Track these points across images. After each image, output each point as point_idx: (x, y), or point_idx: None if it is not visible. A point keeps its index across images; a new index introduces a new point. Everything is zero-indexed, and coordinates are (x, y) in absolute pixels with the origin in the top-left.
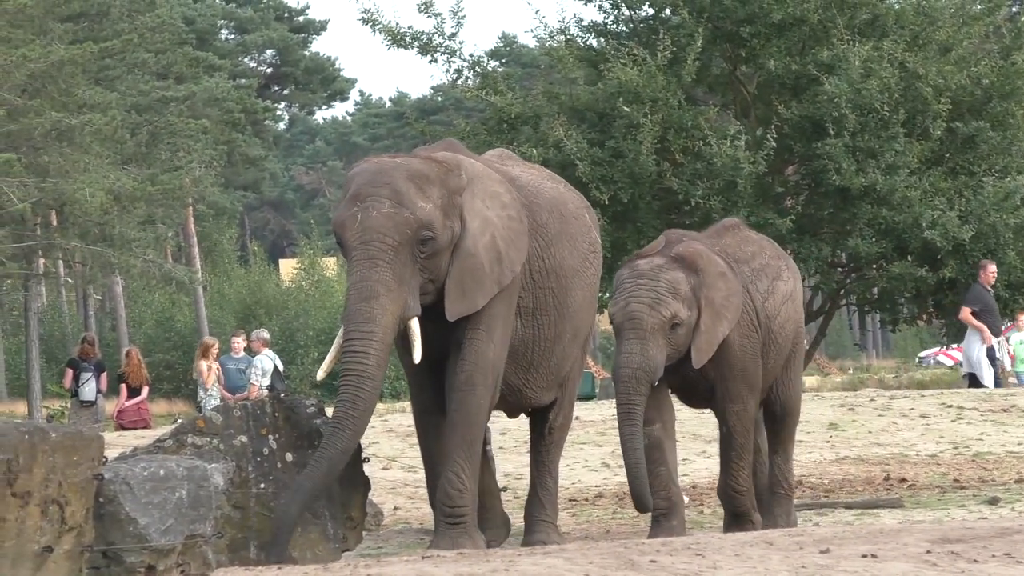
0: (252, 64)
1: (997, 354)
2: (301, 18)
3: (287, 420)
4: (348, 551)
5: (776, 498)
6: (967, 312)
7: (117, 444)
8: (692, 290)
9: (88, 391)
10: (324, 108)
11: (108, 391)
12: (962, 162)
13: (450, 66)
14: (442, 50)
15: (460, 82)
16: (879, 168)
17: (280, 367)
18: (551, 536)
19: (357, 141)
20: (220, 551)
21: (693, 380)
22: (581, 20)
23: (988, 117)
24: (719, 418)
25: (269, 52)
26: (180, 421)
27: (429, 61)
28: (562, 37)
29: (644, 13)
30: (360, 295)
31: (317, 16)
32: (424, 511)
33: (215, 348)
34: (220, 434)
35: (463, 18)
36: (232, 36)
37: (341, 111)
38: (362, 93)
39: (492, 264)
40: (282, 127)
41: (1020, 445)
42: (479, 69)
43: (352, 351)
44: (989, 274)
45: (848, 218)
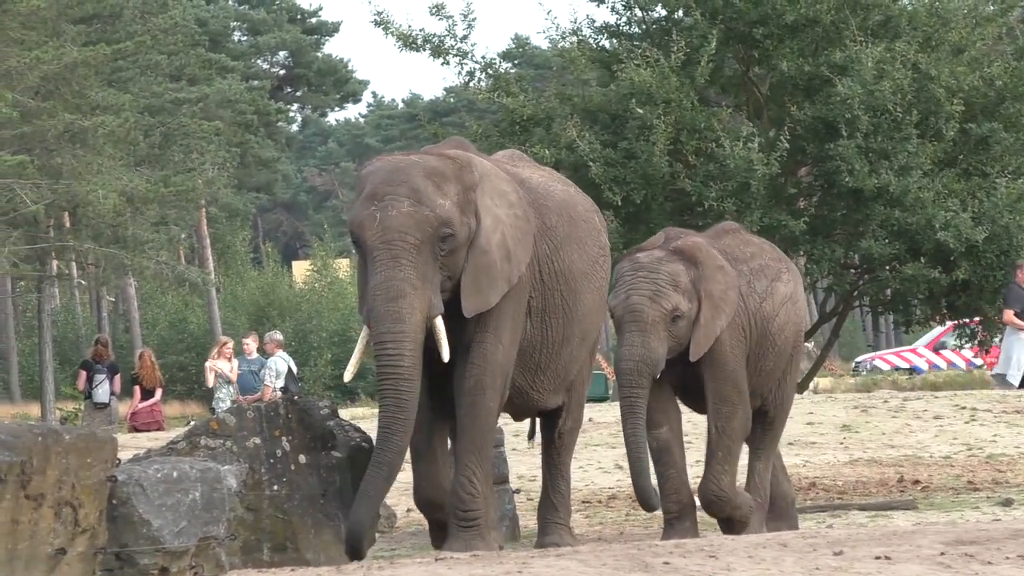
0: (265, 66)
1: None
2: (314, 20)
3: (300, 422)
4: None
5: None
6: (1010, 314)
7: (130, 446)
8: (692, 282)
9: (101, 393)
10: (337, 110)
11: (121, 393)
12: (975, 163)
13: (462, 68)
14: (454, 52)
15: (472, 84)
16: (892, 169)
17: (294, 369)
18: (564, 538)
19: (370, 143)
20: (233, 553)
21: (691, 380)
22: (593, 21)
23: (1001, 118)
24: (709, 419)
25: (282, 54)
26: (193, 423)
27: (441, 63)
28: (574, 38)
29: (657, 14)
30: (387, 295)
31: (330, 18)
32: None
33: (227, 347)
34: (233, 436)
35: (475, 20)
36: (245, 38)
37: (354, 113)
38: (375, 95)
39: (503, 262)
40: (295, 129)
41: None
42: (491, 71)
43: (386, 353)
44: None
45: (861, 219)
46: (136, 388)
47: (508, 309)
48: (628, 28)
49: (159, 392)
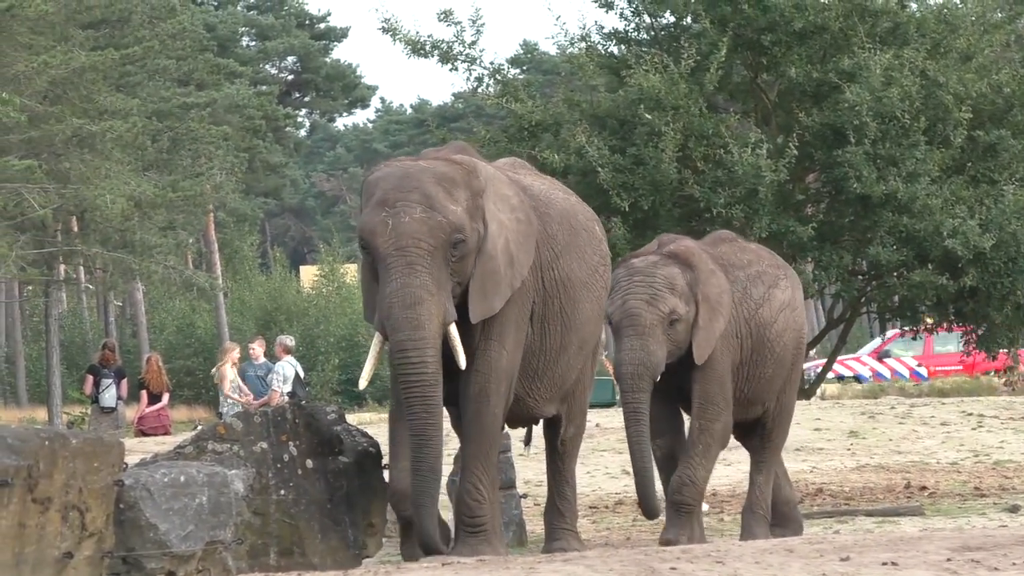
0: (273, 71)
1: None
2: (322, 25)
3: (308, 427)
4: (368, 558)
5: (754, 519)
6: None
7: (137, 450)
8: (688, 285)
9: (108, 397)
10: (345, 115)
11: (128, 397)
12: (983, 170)
13: (470, 74)
14: (462, 58)
15: (480, 89)
16: (900, 176)
17: (301, 374)
18: (571, 543)
19: (378, 148)
20: (240, 557)
21: (687, 385)
22: (602, 27)
23: (1009, 125)
24: (693, 417)
25: (290, 59)
26: (200, 427)
27: (449, 69)
28: (583, 44)
29: (665, 21)
30: (404, 302)
31: (338, 23)
32: (445, 517)
33: (233, 353)
34: (240, 440)
35: (483, 26)
36: (253, 43)
37: (362, 118)
38: (383, 100)
39: (506, 267)
40: (303, 134)
41: None
42: (499, 76)
43: (408, 361)
44: None
45: (869, 226)
46: (143, 393)
47: (511, 315)
48: (637, 34)
49: (166, 397)
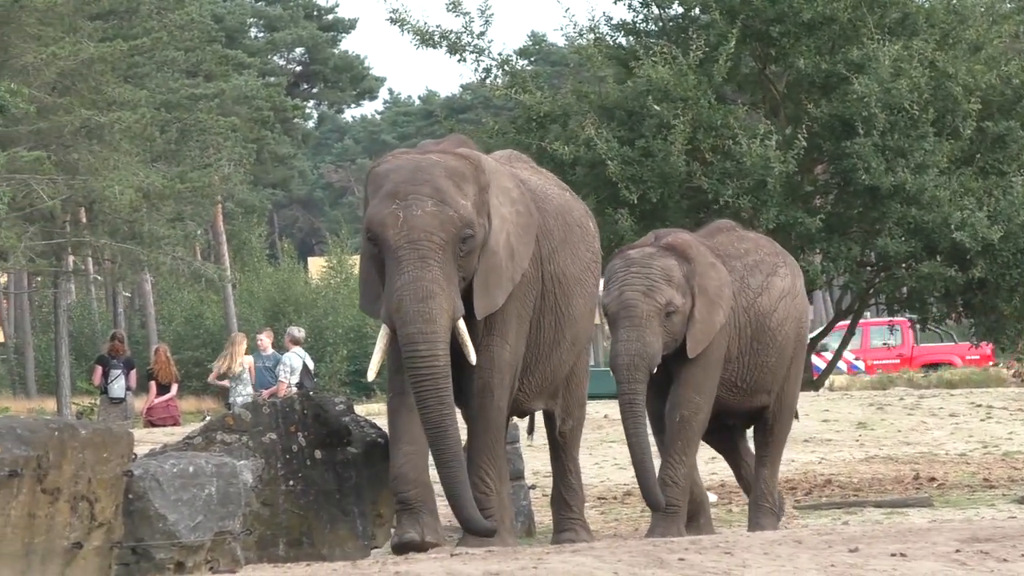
0: (281, 62)
1: None
2: (330, 16)
3: (316, 418)
4: (377, 548)
5: (761, 512)
6: None
7: (146, 441)
8: (685, 277)
9: (117, 388)
10: (353, 106)
11: (137, 388)
12: (992, 162)
13: (479, 65)
14: (471, 49)
15: (489, 81)
16: (908, 167)
17: (310, 365)
18: (580, 534)
19: (386, 139)
20: (249, 548)
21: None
22: (611, 18)
23: (1018, 116)
24: (674, 406)
25: (298, 50)
26: (209, 418)
27: (458, 60)
28: (591, 35)
29: (673, 12)
30: (416, 295)
31: (346, 14)
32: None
33: (242, 345)
34: (249, 431)
35: (491, 17)
36: (261, 34)
37: (370, 109)
38: (391, 91)
39: (507, 260)
40: (311, 125)
41: None
42: (508, 68)
43: (420, 355)
44: None
45: (877, 217)
46: (152, 383)
47: (512, 309)
48: (645, 25)
49: (175, 387)
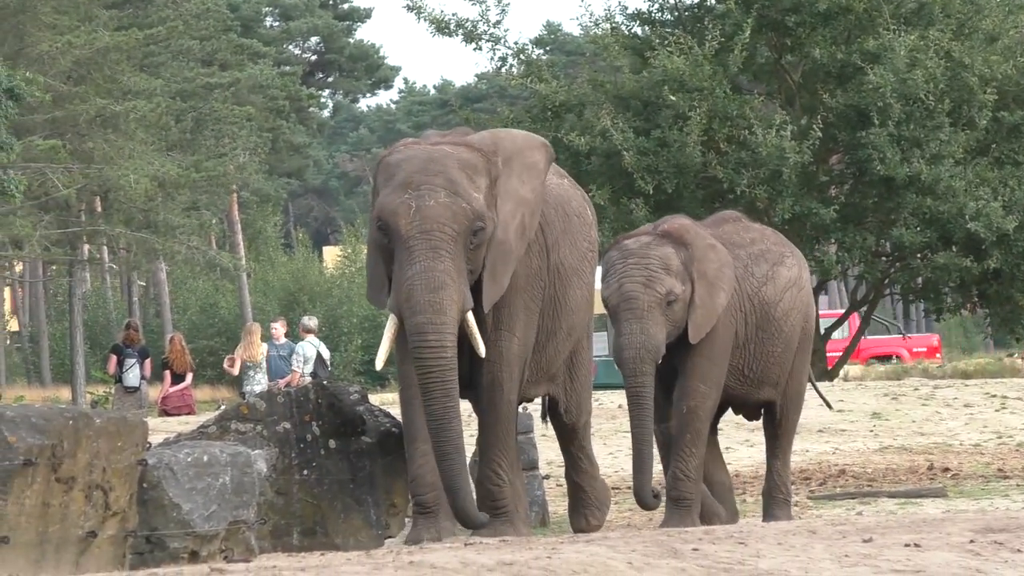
0: (297, 51)
1: None
2: (346, 5)
3: (330, 407)
4: (391, 538)
5: (775, 503)
6: None
7: (161, 430)
8: (683, 264)
9: (132, 377)
10: (368, 95)
11: (152, 377)
12: (1007, 152)
13: (495, 54)
14: (487, 38)
15: (504, 70)
16: (924, 158)
17: (324, 354)
18: (591, 521)
19: (401, 128)
20: (263, 537)
21: (678, 365)
22: (626, 8)
23: None
24: (680, 396)
25: (314, 39)
26: (223, 407)
27: (474, 49)
28: (607, 25)
29: (689, 1)
30: (427, 286)
31: (362, 3)
32: None
33: (257, 334)
34: (263, 420)
35: (507, 5)
36: (277, 23)
37: (385, 99)
38: (406, 81)
39: (516, 240)
40: (326, 114)
41: None
42: (524, 57)
43: (428, 345)
44: None
45: (892, 208)
46: (167, 372)
47: (519, 302)
48: (660, 15)
49: (190, 376)
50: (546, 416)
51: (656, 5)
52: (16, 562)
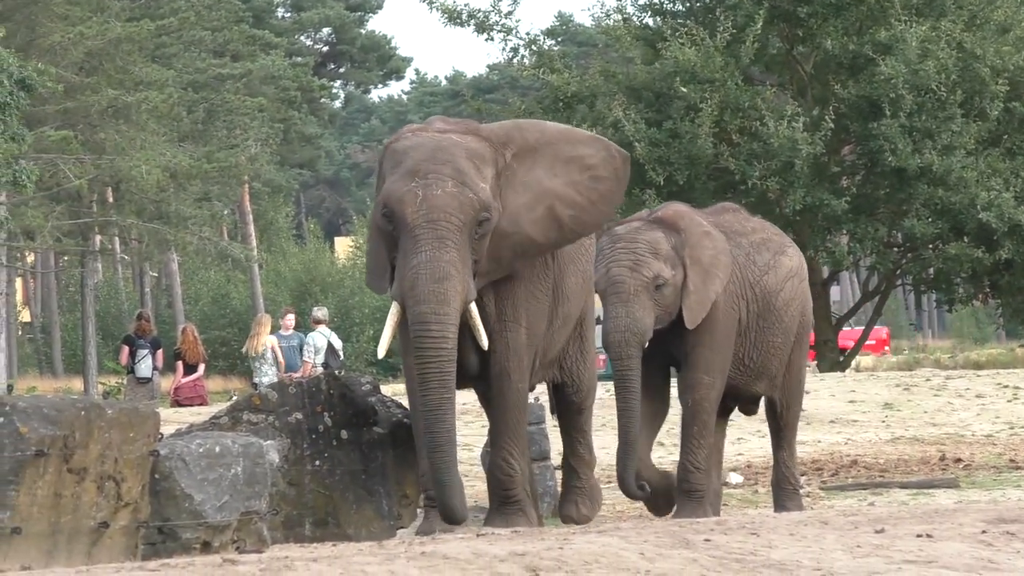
0: (308, 42)
1: None
2: None
3: (342, 398)
4: (403, 528)
5: (784, 494)
6: None
7: (173, 421)
8: (674, 249)
9: (144, 368)
10: (380, 86)
11: (164, 368)
12: (1019, 142)
13: (506, 44)
14: (498, 28)
15: (516, 60)
16: (935, 149)
17: (336, 344)
18: (580, 509)
19: (413, 119)
20: (275, 528)
21: (675, 351)
22: None
23: None
24: (685, 388)
25: (325, 30)
26: (236, 398)
27: (485, 39)
28: (619, 16)
29: None
30: (432, 276)
31: None
32: (479, 488)
33: (264, 326)
34: (275, 411)
35: None
36: (288, 14)
37: (397, 89)
38: (418, 72)
39: (539, 231)
40: (338, 105)
41: None
42: (535, 47)
43: (430, 335)
44: None
45: (904, 198)
46: (179, 363)
47: (522, 292)
48: (672, 6)
49: (202, 367)
50: (555, 410)
51: None
52: (28, 552)
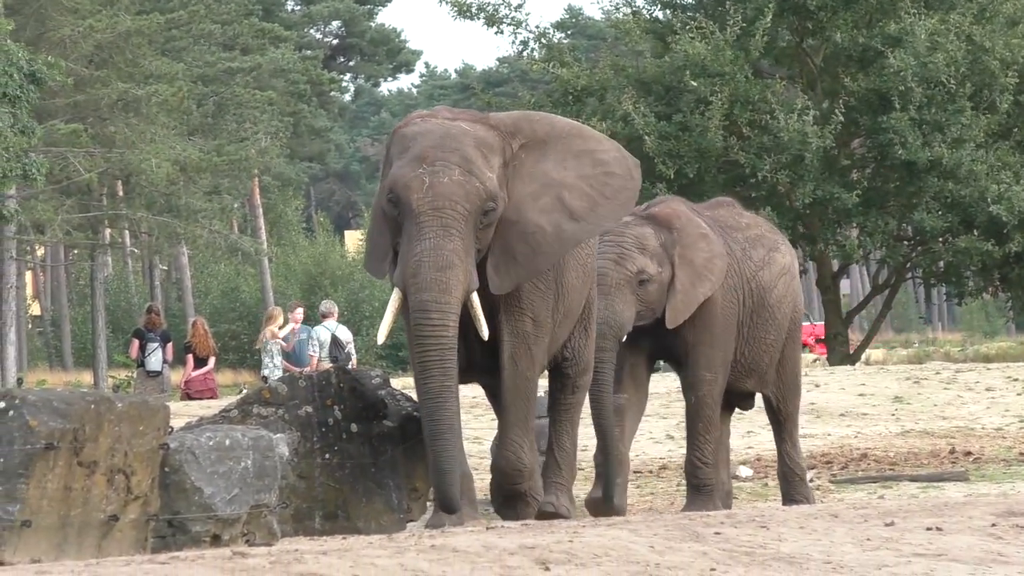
0: (318, 35)
1: None
2: None
3: (352, 391)
4: (412, 521)
5: (791, 485)
6: None
7: (182, 414)
8: (663, 246)
9: (154, 361)
10: (389, 80)
11: (174, 361)
12: None
13: (516, 38)
14: (508, 21)
15: (526, 54)
16: (945, 142)
17: (345, 337)
18: (561, 500)
19: None
20: (285, 521)
21: (673, 346)
22: None
23: None
24: (688, 386)
25: (335, 23)
26: (245, 391)
27: (495, 32)
28: (628, 9)
29: None
30: (436, 264)
31: None
32: (488, 481)
33: (273, 320)
34: (285, 404)
35: None
36: (298, 7)
37: (406, 83)
38: (427, 65)
39: (549, 222)
40: (347, 98)
41: None
42: (545, 41)
43: (430, 323)
44: None
45: (914, 192)
46: (189, 356)
47: (526, 284)
48: None
49: (212, 360)
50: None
51: None
52: (38, 546)
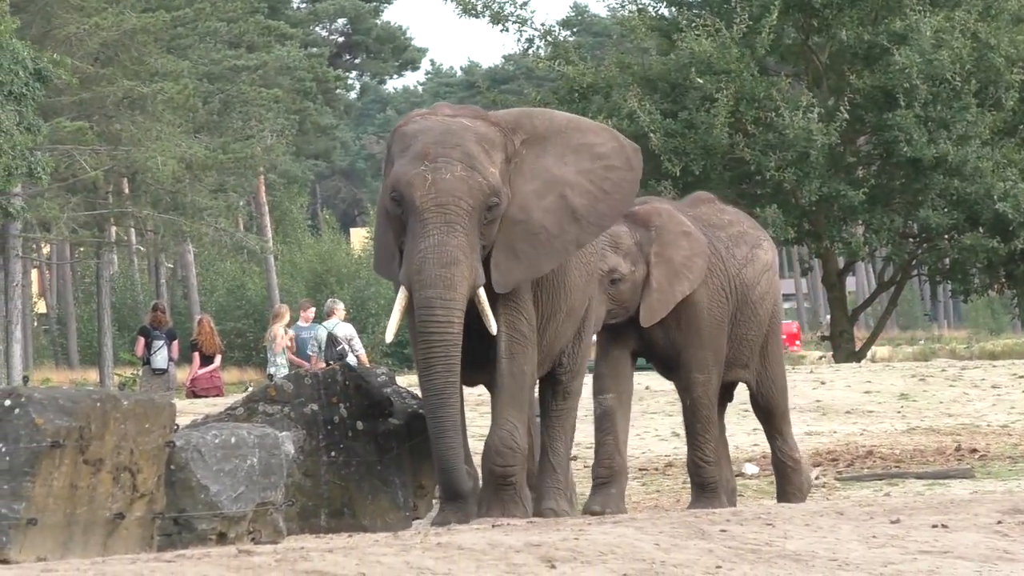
0: (324, 33)
1: None
2: None
3: (357, 389)
4: (418, 519)
5: (785, 476)
6: None
7: (188, 412)
8: (637, 244)
9: (160, 359)
10: (395, 77)
11: (180, 359)
12: None
13: (521, 35)
14: (513, 19)
15: (531, 51)
16: (950, 139)
17: (344, 333)
18: (560, 504)
19: None
20: (291, 519)
21: (659, 346)
22: None
23: None
24: (682, 388)
25: (341, 21)
26: (251, 389)
27: (500, 30)
28: (634, 6)
29: None
30: (440, 260)
31: None
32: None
33: (286, 317)
34: (291, 402)
35: None
36: (304, 5)
37: (412, 80)
38: (433, 62)
39: (552, 220)
40: (353, 96)
41: None
42: (550, 38)
43: (435, 319)
44: None
45: (919, 189)
46: (195, 354)
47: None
48: None
49: (219, 358)
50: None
51: None
52: (44, 543)
